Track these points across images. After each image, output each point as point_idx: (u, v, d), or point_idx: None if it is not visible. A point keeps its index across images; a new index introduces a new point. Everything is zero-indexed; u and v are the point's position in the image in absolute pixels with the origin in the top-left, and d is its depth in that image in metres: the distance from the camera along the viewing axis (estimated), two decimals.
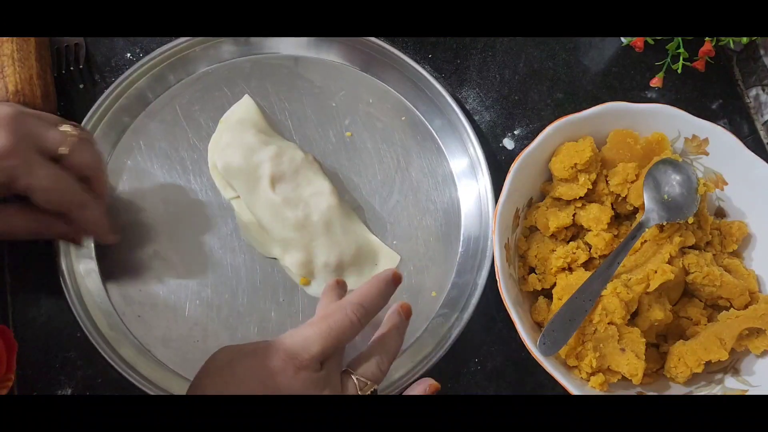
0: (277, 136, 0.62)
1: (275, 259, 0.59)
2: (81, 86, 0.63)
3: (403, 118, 0.64)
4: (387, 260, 0.60)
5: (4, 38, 0.57)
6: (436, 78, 0.64)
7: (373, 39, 0.64)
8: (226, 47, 0.64)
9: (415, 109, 0.65)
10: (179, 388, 0.54)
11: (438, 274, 0.60)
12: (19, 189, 0.47)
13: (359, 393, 0.46)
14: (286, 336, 0.45)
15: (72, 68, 0.63)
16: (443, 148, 0.64)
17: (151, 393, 0.53)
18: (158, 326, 0.56)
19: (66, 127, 0.50)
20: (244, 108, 0.62)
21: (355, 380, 0.46)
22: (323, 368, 0.45)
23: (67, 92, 0.62)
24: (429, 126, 0.64)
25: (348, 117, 0.64)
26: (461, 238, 0.61)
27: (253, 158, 0.58)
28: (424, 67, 0.64)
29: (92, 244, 0.57)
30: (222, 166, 0.59)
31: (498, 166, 0.63)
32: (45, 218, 0.50)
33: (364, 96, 0.65)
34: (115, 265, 0.57)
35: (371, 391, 0.46)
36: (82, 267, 0.57)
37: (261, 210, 0.58)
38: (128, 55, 0.65)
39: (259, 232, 0.59)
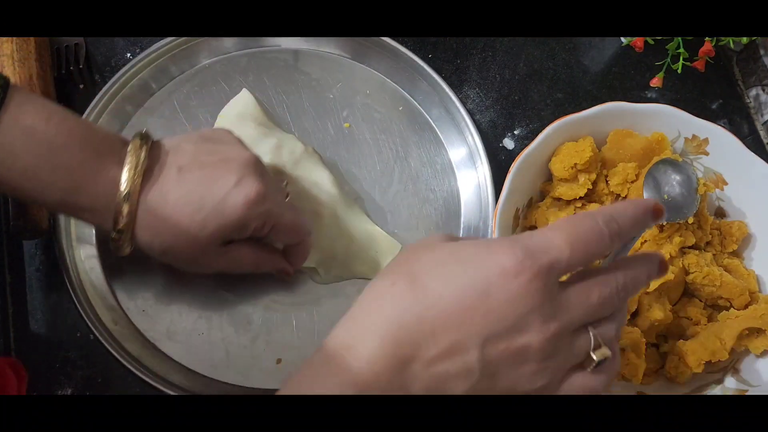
0: (277, 129, 0.62)
1: None
2: (81, 86, 0.63)
3: (400, 108, 0.65)
4: (388, 249, 0.60)
5: (4, 38, 0.56)
6: (432, 67, 0.64)
7: None
8: (227, 40, 0.65)
9: (412, 99, 0.65)
10: (184, 381, 0.54)
11: None
12: (265, 231, 0.50)
13: (592, 355, 0.37)
14: (523, 234, 0.37)
15: (72, 68, 0.63)
16: (441, 137, 0.64)
17: (155, 385, 0.53)
18: (163, 320, 0.56)
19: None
20: (243, 102, 0.62)
21: (592, 336, 0.37)
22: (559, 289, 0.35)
23: (67, 92, 0.62)
24: (427, 116, 0.65)
25: (346, 108, 0.64)
26: (461, 226, 0.61)
27: (253, 150, 0.58)
28: (420, 57, 0.64)
29: (95, 241, 0.57)
30: None
31: (498, 165, 0.63)
32: (268, 255, 0.54)
33: (361, 87, 0.65)
34: (119, 260, 0.57)
35: (599, 361, 0.37)
36: (86, 263, 0.57)
37: None
38: (128, 55, 0.65)
39: None
